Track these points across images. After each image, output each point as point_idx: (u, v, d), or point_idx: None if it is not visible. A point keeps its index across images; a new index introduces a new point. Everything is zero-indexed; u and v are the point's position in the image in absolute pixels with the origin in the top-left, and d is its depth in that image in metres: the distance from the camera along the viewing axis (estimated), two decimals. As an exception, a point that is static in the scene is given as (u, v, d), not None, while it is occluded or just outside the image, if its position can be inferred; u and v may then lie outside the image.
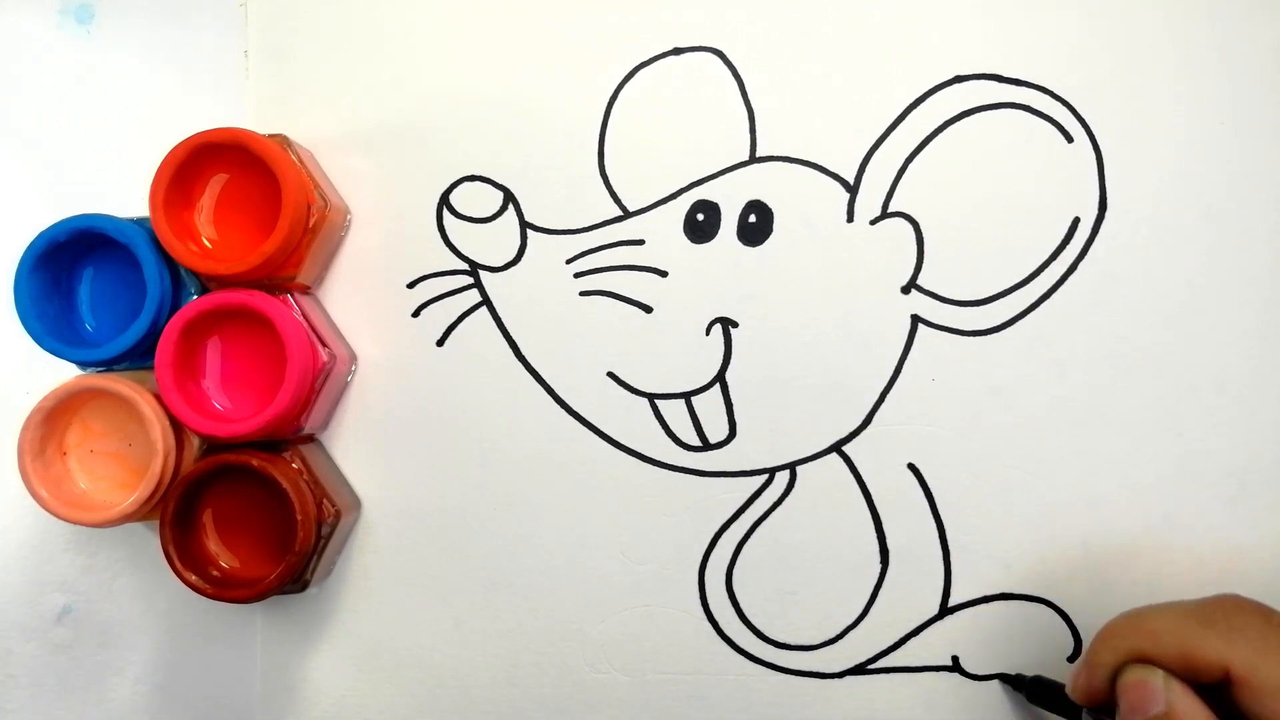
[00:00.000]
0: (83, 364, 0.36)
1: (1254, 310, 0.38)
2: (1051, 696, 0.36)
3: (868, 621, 0.38)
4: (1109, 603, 0.37)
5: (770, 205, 0.39)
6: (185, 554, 0.35)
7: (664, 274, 0.39)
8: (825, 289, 0.39)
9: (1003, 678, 0.38)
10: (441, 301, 0.40)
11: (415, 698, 0.39)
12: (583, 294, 0.39)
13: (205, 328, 0.36)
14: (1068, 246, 0.38)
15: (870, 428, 0.38)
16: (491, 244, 0.39)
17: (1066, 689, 0.33)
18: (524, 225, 0.39)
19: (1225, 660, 0.28)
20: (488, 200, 0.39)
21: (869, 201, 0.39)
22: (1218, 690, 0.29)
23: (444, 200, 0.40)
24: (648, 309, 0.39)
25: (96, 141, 0.41)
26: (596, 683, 0.39)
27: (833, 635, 0.39)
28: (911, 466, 0.38)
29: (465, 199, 0.39)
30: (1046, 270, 0.38)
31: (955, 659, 0.38)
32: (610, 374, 0.39)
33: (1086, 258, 0.38)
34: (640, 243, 0.39)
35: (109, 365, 0.36)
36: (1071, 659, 0.38)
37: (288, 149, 0.37)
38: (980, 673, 0.38)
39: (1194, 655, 0.29)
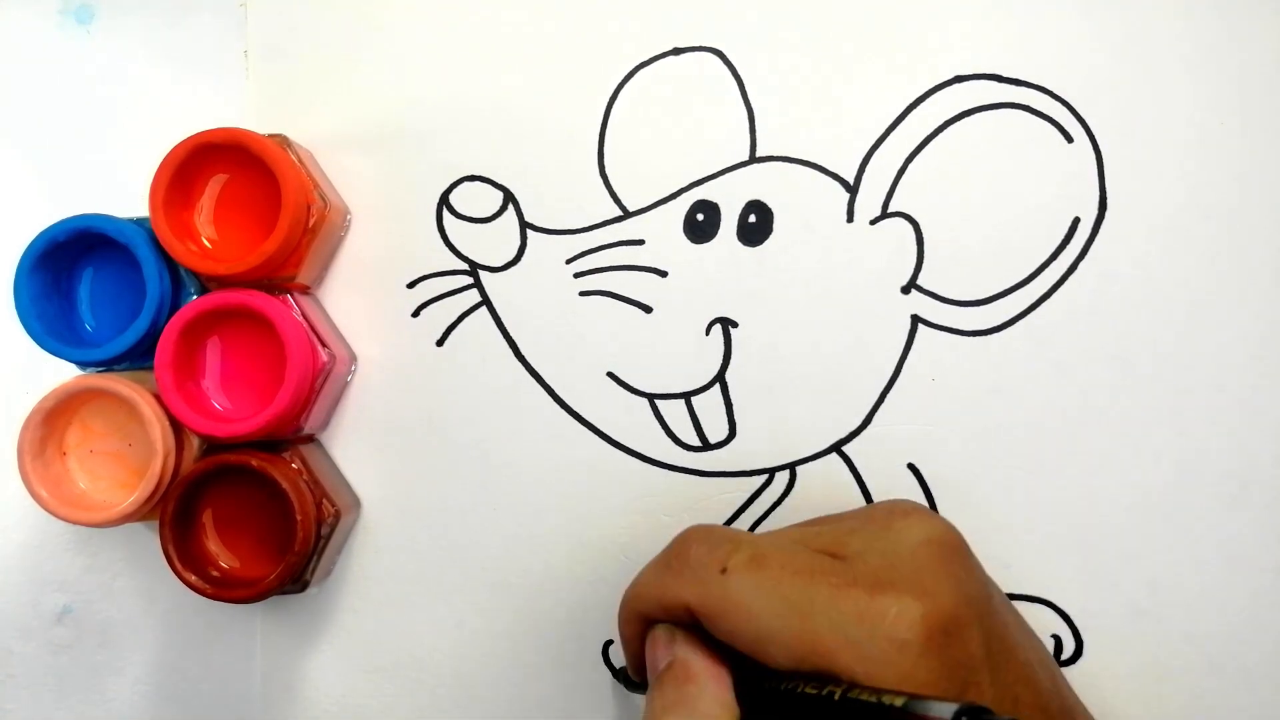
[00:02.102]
0: (83, 364, 0.36)
1: (1254, 310, 0.38)
2: (628, 679, 0.36)
3: (868, 621, 0.38)
4: (1109, 603, 0.38)
5: (770, 205, 0.39)
6: (185, 554, 0.36)
7: (664, 274, 0.39)
8: (825, 289, 0.39)
9: (615, 674, 0.38)
10: (441, 301, 0.40)
11: (415, 698, 0.39)
12: (583, 294, 0.39)
13: (205, 328, 0.36)
14: (1068, 246, 0.38)
15: (870, 428, 0.38)
16: (491, 244, 0.39)
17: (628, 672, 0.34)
18: (524, 225, 0.39)
19: (682, 598, 0.29)
20: (488, 200, 0.39)
21: (869, 201, 0.39)
22: None
23: (444, 200, 0.40)
24: (648, 309, 0.39)
25: (96, 141, 0.41)
26: (596, 683, 0.39)
27: (833, 635, 0.38)
28: (911, 466, 0.38)
29: (465, 199, 0.39)
30: (1046, 270, 0.38)
31: (955, 659, 0.38)
32: (610, 374, 0.39)
33: (1086, 258, 0.38)
34: (640, 243, 0.39)
35: (109, 365, 0.36)
36: (1072, 659, 0.38)
37: (288, 149, 0.37)
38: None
39: (664, 603, 0.30)
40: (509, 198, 0.39)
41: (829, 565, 0.28)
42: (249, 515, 0.37)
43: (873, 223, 0.39)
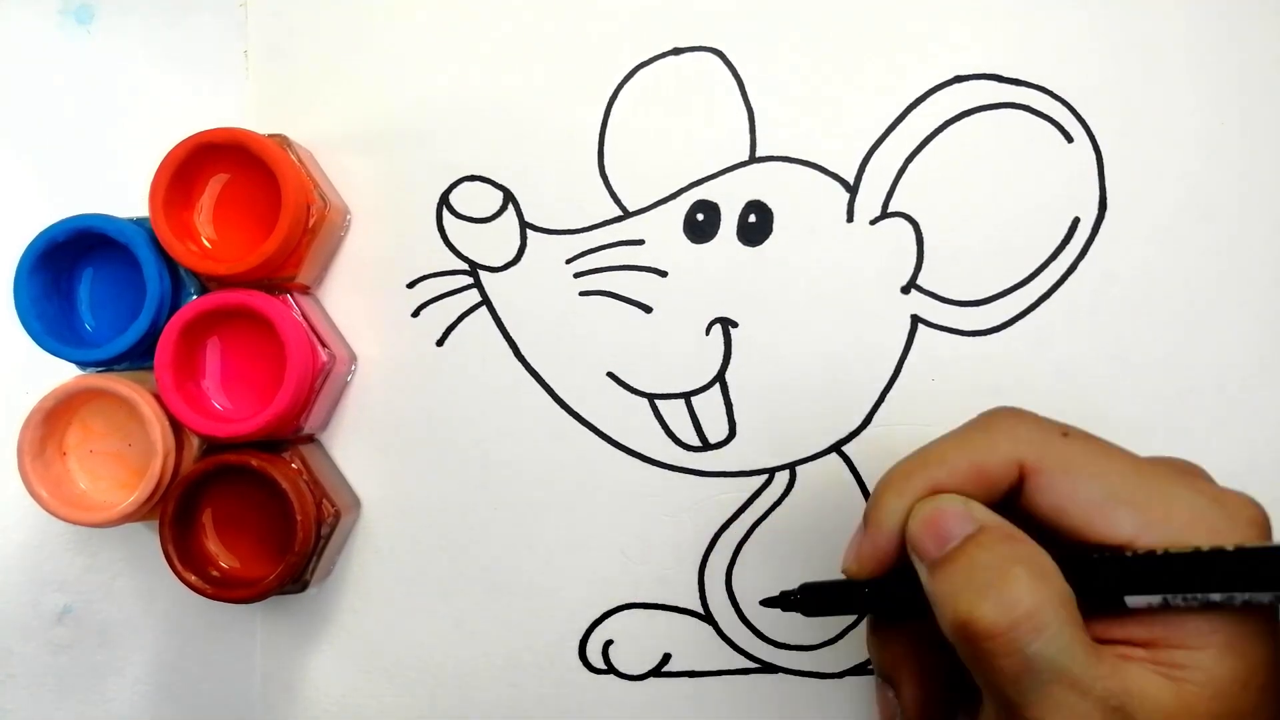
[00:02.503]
0: (82, 364, 0.36)
1: (1254, 310, 0.38)
2: (828, 596, 0.31)
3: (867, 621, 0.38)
4: (1109, 603, 0.38)
5: (770, 205, 0.39)
6: (185, 554, 0.36)
7: (664, 274, 0.39)
8: (825, 289, 0.39)
9: (767, 603, 0.32)
10: (441, 301, 0.40)
11: (415, 698, 0.39)
12: (583, 294, 0.39)
13: (205, 328, 0.36)
14: (1068, 246, 0.38)
15: (870, 428, 0.38)
16: (491, 244, 0.39)
17: (844, 568, 0.30)
18: (524, 225, 0.39)
19: (1015, 454, 0.27)
20: (487, 200, 0.39)
21: (869, 201, 0.39)
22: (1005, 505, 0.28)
23: (444, 200, 0.40)
24: (647, 309, 0.39)
25: (96, 141, 0.41)
26: (596, 683, 0.39)
27: (833, 635, 0.38)
28: (911, 466, 0.38)
29: (465, 199, 0.39)
30: (1046, 270, 0.38)
31: (955, 659, 0.38)
32: (610, 374, 0.39)
33: (1086, 258, 0.38)
34: (640, 243, 0.39)
35: (109, 365, 0.36)
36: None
37: (287, 149, 0.37)
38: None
39: (986, 463, 0.27)
40: (509, 198, 0.39)
41: (1168, 463, 0.27)
42: (249, 515, 0.37)
43: (873, 223, 0.39)
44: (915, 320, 0.38)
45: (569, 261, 0.39)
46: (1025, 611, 0.25)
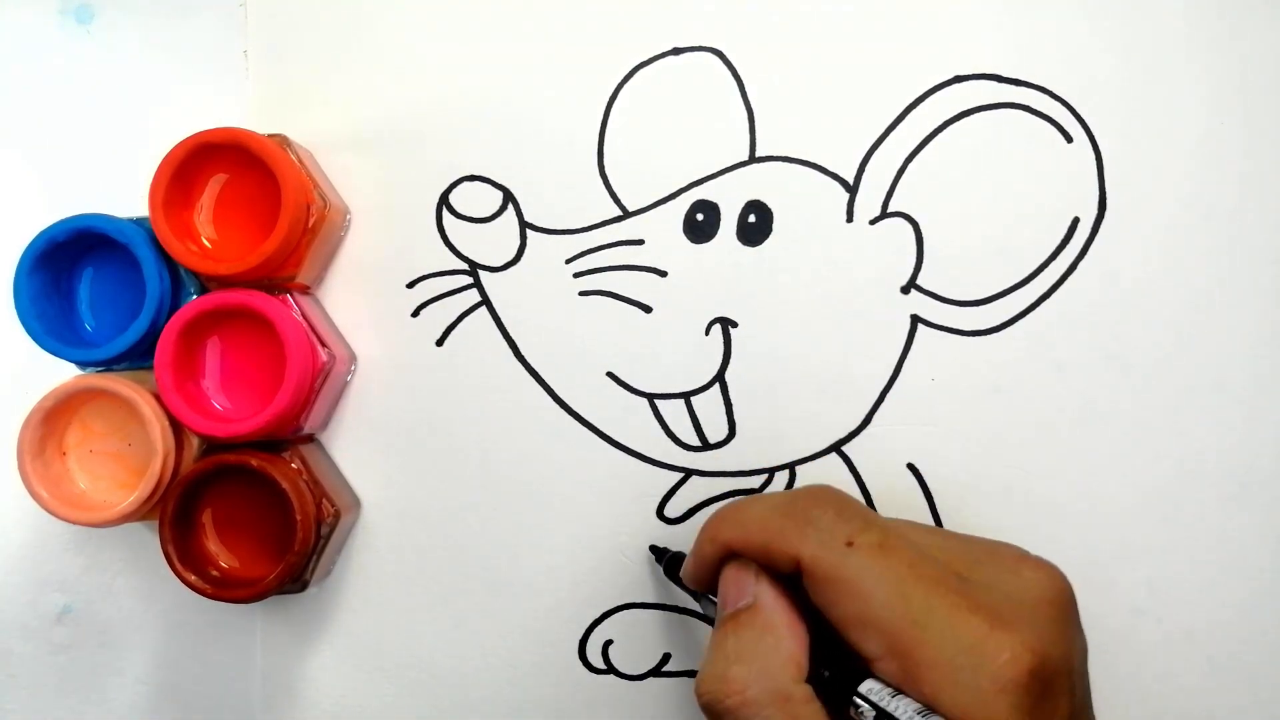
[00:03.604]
0: (82, 364, 0.36)
1: (1254, 310, 0.38)
2: (674, 576, 0.36)
3: (867, 621, 0.38)
4: (1108, 602, 0.37)
5: (770, 205, 0.39)
6: (185, 554, 0.36)
7: (664, 274, 0.39)
8: (825, 289, 0.39)
9: (653, 548, 0.38)
10: (441, 301, 0.40)
11: (415, 698, 0.39)
12: (582, 294, 0.39)
13: (205, 328, 0.36)
14: (1068, 246, 0.38)
15: (870, 428, 0.38)
16: (491, 244, 0.39)
17: (681, 571, 0.34)
18: (523, 225, 0.39)
19: (795, 551, 0.29)
20: (487, 200, 0.39)
21: (869, 201, 0.39)
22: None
23: (444, 200, 0.39)
24: (647, 309, 0.39)
25: (96, 141, 0.41)
26: (596, 683, 0.39)
27: (832, 635, 0.39)
28: (911, 466, 0.38)
29: (465, 199, 0.39)
30: (1046, 270, 0.38)
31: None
32: (610, 374, 0.39)
33: (1086, 258, 0.38)
34: (640, 243, 0.39)
35: (109, 365, 0.36)
36: (1071, 659, 0.38)
37: (287, 149, 0.37)
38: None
39: (772, 547, 0.29)
40: (509, 198, 0.39)
41: (955, 583, 0.28)
42: (249, 515, 0.37)
43: (872, 223, 0.39)
44: (915, 320, 0.38)
45: (569, 261, 0.39)
46: (733, 704, 0.28)
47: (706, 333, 0.39)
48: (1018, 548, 0.30)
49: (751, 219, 0.39)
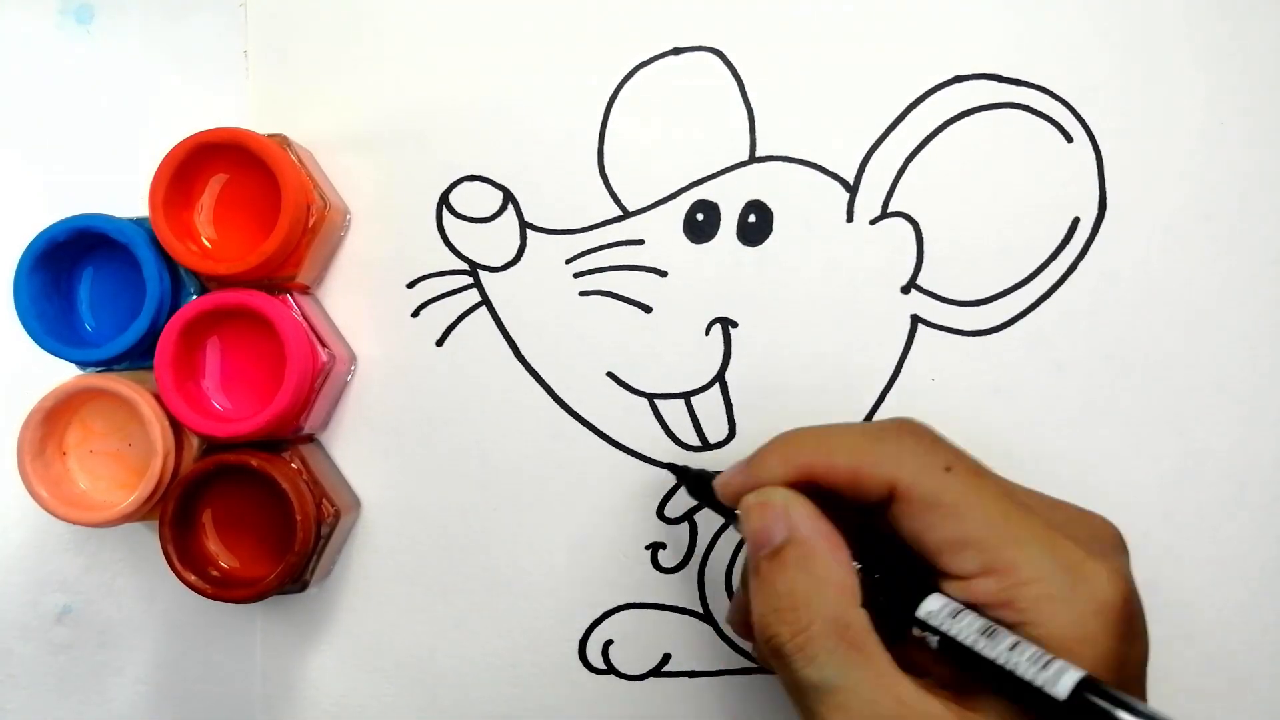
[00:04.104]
0: (82, 364, 0.36)
1: (1254, 310, 0.38)
2: (708, 493, 0.33)
3: (867, 621, 0.38)
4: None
5: (770, 205, 0.39)
6: (185, 554, 0.36)
7: (664, 274, 0.39)
8: (825, 289, 0.39)
9: (671, 467, 0.37)
10: (441, 301, 0.40)
11: (415, 698, 0.39)
12: (582, 294, 0.39)
13: (205, 328, 0.36)
14: (1068, 246, 0.38)
15: (870, 428, 0.38)
16: (491, 244, 0.39)
17: (715, 484, 0.32)
18: (523, 225, 0.39)
19: (892, 475, 0.28)
20: (487, 200, 0.39)
21: (869, 201, 0.39)
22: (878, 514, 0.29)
23: (444, 200, 0.39)
24: (647, 309, 0.39)
25: (96, 141, 0.41)
26: (596, 683, 0.39)
27: (832, 635, 0.38)
28: (911, 466, 0.38)
29: (465, 199, 0.39)
30: (1046, 270, 0.38)
31: (955, 659, 0.38)
32: (610, 374, 0.39)
33: (1086, 258, 0.38)
34: (640, 243, 0.39)
35: (109, 365, 0.36)
36: (1071, 659, 0.38)
37: (287, 149, 0.37)
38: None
39: (863, 469, 0.29)
40: (509, 198, 0.39)
41: (1045, 512, 0.28)
42: (249, 515, 0.37)
43: (873, 223, 0.39)
44: (915, 320, 0.38)
45: (569, 261, 0.39)
46: (795, 642, 0.27)
47: (706, 333, 0.39)
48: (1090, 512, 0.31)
49: (751, 219, 0.39)
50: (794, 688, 0.27)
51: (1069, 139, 0.38)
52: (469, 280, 0.39)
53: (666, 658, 0.39)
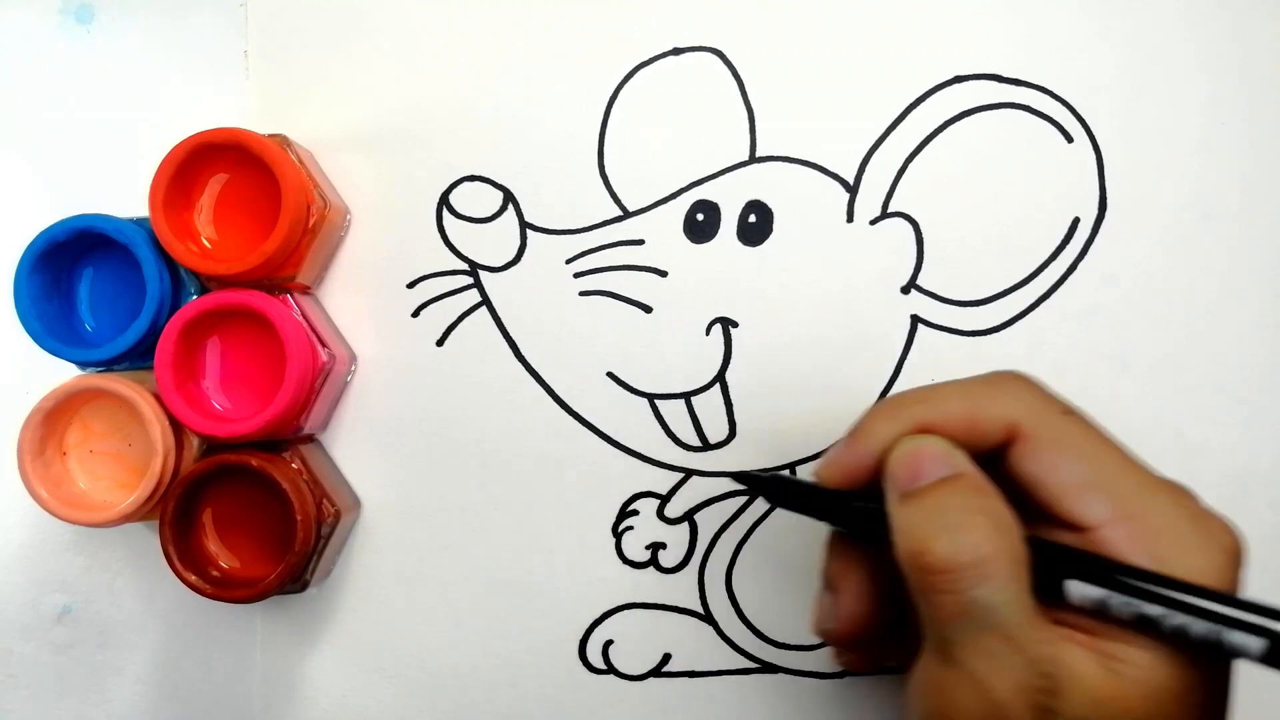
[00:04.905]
0: (82, 364, 0.36)
1: (1254, 310, 0.38)
2: (796, 493, 0.31)
3: (868, 621, 0.38)
4: (1109, 603, 0.37)
5: (770, 205, 0.39)
6: (185, 554, 0.36)
7: (664, 274, 0.39)
8: (825, 289, 0.39)
9: (736, 476, 0.34)
10: (441, 301, 0.40)
11: (415, 698, 0.39)
12: (583, 294, 0.39)
13: (205, 328, 0.36)
14: (1068, 246, 0.38)
15: (870, 428, 0.38)
16: (491, 244, 0.39)
17: (817, 471, 0.30)
18: (524, 225, 0.39)
19: (1011, 416, 0.28)
20: (487, 200, 0.39)
21: (869, 201, 0.39)
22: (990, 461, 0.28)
23: (444, 200, 0.40)
24: (648, 309, 0.39)
25: (96, 141, 0.41)
26: (596, 683, 0.39)
27: (833, 635, 0.38)
28: (911, 466, 0.38)
29: (465, 199, 0.39)
30: (1046, 270, 0.38)
31: (955, 659, 0.38)
32: (610, 374, 0.39)
33: (1086, 258, 0.38)
34: (640, 243, 0.39)
35: (109, 365, 0.36)
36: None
37: (287, 149, 0.37)
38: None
39: (980, 415, 0.28)
40: (509, 198, 0.39)
41: (1164, 479, 0.28)
42: (249, 515, 0.37)
43: (873, 223, 0.39)
44: (915, 320, 0.38)
45: (569, 261, 0.39)
46: (977, 557, 0.25)
47: (707, 333, 0.39)
48: None
49: (752, 219, 0.39)
50: (952, 613, 0.26)
51: (1069, 139, 0.38)
52: (469, 280, 0.39)
53: (666, 658, 0.39)
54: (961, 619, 0.26)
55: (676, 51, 0.39)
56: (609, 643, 0.39)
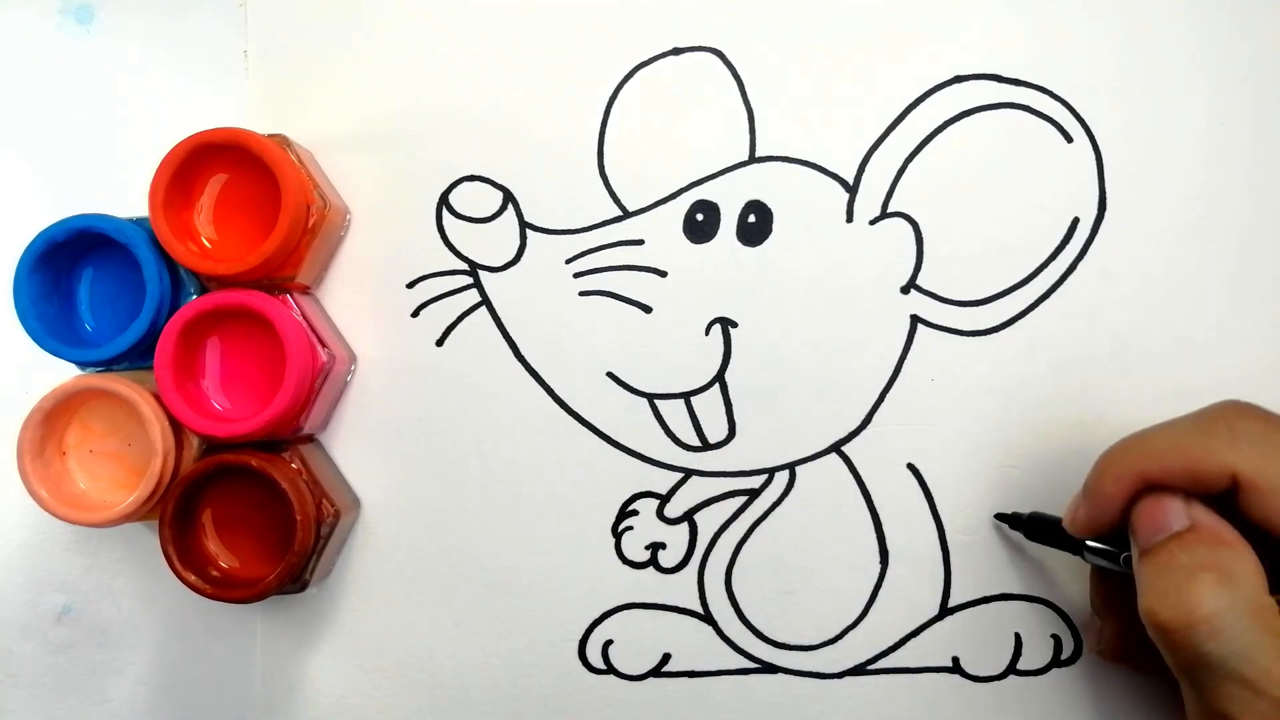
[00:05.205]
0: (82, 364, 0.36)
1: (1254, 310, 0.38)
2: (1054, 534, 0.34)
3: (867, 622, 0.38)
4: (1109, 603, 0.37)
5: (770, 205, 0.39)
6: (185, 554, 0.36)
7: (663, 274, 0.39)
8: (825, 289, 0.39)
9: (999, 516, 0.37)
10: (441, 301, 0.40)
11: (415, 698, 0.39)
12: (582, 294, 0.39)
13: (205, 328, 0.36)
14: (1067, 246, 0.38)
15: (870, 428, 0.38)
16: (491, 244, 0.39)
17: (1064, 523, 0.33)
18: (523, 225, 0.39)
19: (1231, 466, 0.28)
20: (487, 200, 0.39)
21: (869, 201, 0.39)
22: (1221, 502, 0.29)
23: (443, 200, 0.40)
24: (647, 309, 0.39)
25: (96, 141, 0.41)
26: (596, 683, 0.39)
27: (832, 635, 0.39)
28: (911, 466, 0.38)
29: (465, 199, 0.39)
30: (1046, 270, 0.38)
31: (955, 660, 0.38)
32: (610, 374, 0.39)
33: (1086, 258, 0.38)
34: (640, 243, 0.39)
35: (108, 365, 0.36)
36: (1071, 659, 0.38)
37: (287, 149, 0.37)
38: (981, 674, 0.38)
39: (1200, 467, 0.28)
40: (509, 198, 0.39)
41: None
42: (249, 515, 0.37)
43: (872, 223, 0.39)
44: (915, 320, 0.38)
45: (569, 261, 0.39)
46: (1202, 615, 0.26)
47: (706, 333, 0.39)
48: None
49: (751, 219, 0.39)
50: (1192, 665, 0.27)
51: (1069, 139, 0.38)
52: (469, 280, 0.39)
53: (666, 658, 0.39)
54: (1197, 671, 0.27)
55: (676, 51, 0.39)
56: (609, 643, 0.39)
